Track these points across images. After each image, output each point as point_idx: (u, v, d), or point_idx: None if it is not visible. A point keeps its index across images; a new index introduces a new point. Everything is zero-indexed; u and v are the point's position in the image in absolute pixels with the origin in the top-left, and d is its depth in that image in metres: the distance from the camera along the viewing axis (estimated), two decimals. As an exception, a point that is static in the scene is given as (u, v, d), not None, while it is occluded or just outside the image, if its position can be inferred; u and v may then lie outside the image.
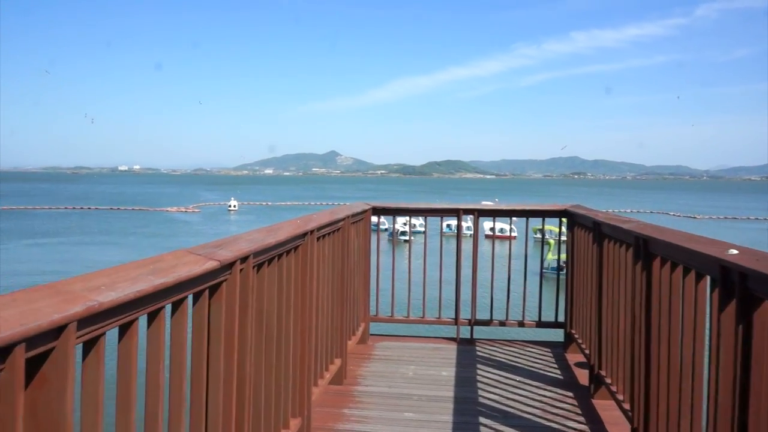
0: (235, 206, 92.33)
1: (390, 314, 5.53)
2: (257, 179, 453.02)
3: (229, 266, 1.96)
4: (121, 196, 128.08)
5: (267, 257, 2.44)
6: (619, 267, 3.37)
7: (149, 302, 1.48)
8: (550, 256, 42.27)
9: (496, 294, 5.46)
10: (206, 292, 1.91)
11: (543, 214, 5.54)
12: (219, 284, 1.95)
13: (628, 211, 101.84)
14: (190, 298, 1.77)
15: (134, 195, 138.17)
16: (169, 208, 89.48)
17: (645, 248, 2.78)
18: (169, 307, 1.65)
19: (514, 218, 5.95)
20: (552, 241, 48.06)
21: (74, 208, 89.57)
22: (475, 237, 5.39)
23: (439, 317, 5.50)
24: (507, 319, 5.38)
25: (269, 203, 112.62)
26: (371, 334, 5.31)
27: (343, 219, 4.04)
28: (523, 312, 5.37)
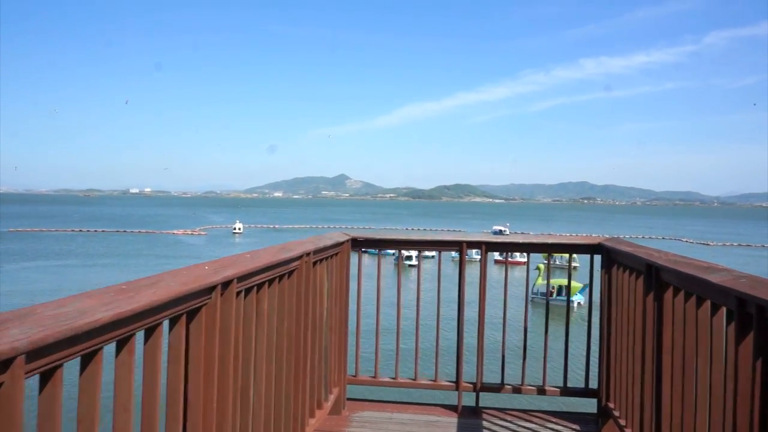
0: (240, 229, 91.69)
1: (373, 374, 4.44)
2: (266, 202, 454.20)
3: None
4: (129, 218, 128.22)
5: None
6: (697, 333, 2.35)
7: (115, 329, 1.38)
8: (540, 281, 41.37)
9: (509, 348, 4.36)
10: (184, 318, 1.83)
11: (569, 249, 4.51)
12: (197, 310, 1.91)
13: (640, 237, 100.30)
14: (166, 324, 1.71)
15: (143, 217, 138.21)
16: (175, 231, 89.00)
17: (762, 319, 1.77)
18: (141, 334, 1.56)
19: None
20: (542, 266, 46.38)
21: (81, 230, 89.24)
22: (482, 277, 4.27)
23: (435, 379, 4.39)
24: (523, 384, 4.27)
25: (276, 226, 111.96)
26: (349, 399, 4.24)
27: (297, 258, 3.01)
28: (544, 374, 4.26)
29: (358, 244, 4.36)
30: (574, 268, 56.17)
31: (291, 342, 2.94)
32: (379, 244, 4.44)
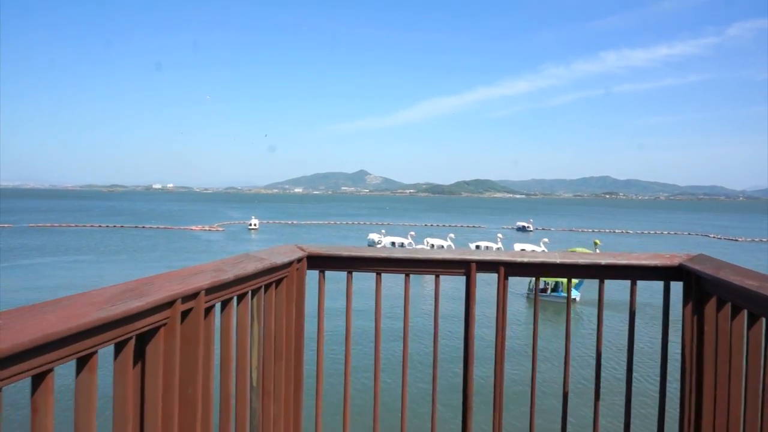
0: (255, 225, 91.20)
1: None
2: (286, 197, 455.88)
3: None
4: (149, 214, 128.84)
5: None
6: None
7: (36, 355, 1.21)
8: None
9: (541, 393, 3.08)
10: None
11: (630, 273, 2.93)
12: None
13: (664, 232, 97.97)
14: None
15: (162, 212, 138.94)
16: (193, 227, 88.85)
17: None
18: (73, 363, 1.40)
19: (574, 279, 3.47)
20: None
21: (100, 225, 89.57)
22: (500, 310, 2.93)
23: None
24: None
25: (294, 222, 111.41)
26: None
27: (151, 310, 1.72)
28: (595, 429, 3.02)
29: (318, 264, 3.09)
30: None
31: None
32: (347, 263, 3.11)
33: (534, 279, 3.07)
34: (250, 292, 2.41)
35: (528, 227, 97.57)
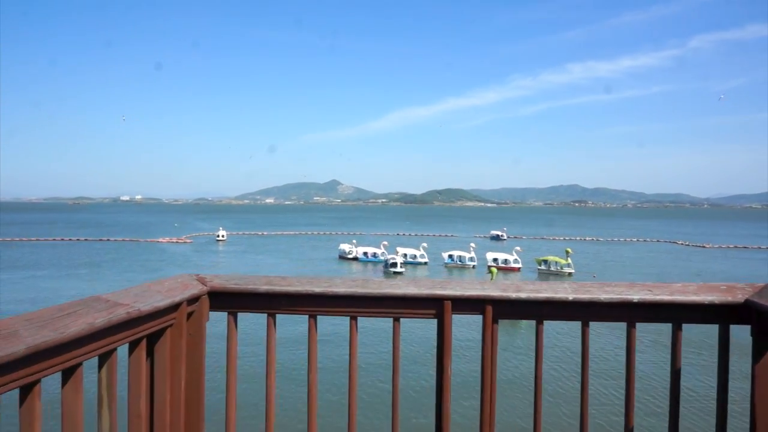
0: (223, 236, 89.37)
1: None
2: (257, 208, 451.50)
3: None
4: (115, 226, 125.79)
5: None
6: None
7: None
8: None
9: None
10: None
11: (672, 314, 2.11)
12: None
13: (634, 240, 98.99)
14: None
15: (129, 224, 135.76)
16: (160, 239, 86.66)
17: None
18: None
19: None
20: (495, 269, 43.78)
21: (62, 239, 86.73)
22: (488, 356, 2.18)
23: None
24: None
25: (264, 233, 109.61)
26: None
27: None
28: None
29: (226, 302, 2.24)
30: (569, 274, 54.10)
31: None
32: (268, 301, 2.23)
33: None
34: (92, 360, 1.65)
35: (502, 236, 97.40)
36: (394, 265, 53.21)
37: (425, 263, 59.29)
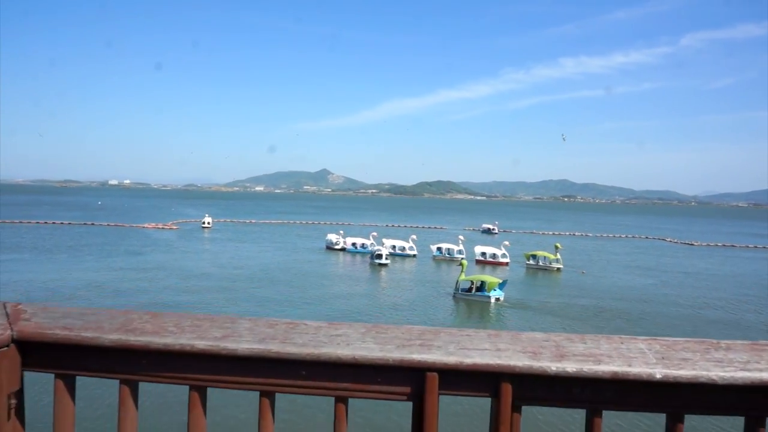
0: (209, 223, 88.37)
1: None
2: (247, 196, 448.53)
3: None
4: (103, 210, 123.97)
5: None
6: None
7: None
8: (463, 277, 38.50)
9: None
10: None
11: (748, 401, 1.19)
12: None
13: (623, 236, 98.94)
14: None
15: (116, 208, 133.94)
16: (146, 225, 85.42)
17: None
18: None
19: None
20: (465, 262, 42.19)
21: (46, 222, 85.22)
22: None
23: None
24: None
25: (251, 221, 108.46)
26: None
27: None
28: None
29: (53, 359, 1.35)
30: (558, 269, 53.84)
31: None
32: (121, 360, 1.33)
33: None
34: None
35: (493, 230, 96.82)
36: (379, 256, 50.69)
37: (414, 255, 58.00)
